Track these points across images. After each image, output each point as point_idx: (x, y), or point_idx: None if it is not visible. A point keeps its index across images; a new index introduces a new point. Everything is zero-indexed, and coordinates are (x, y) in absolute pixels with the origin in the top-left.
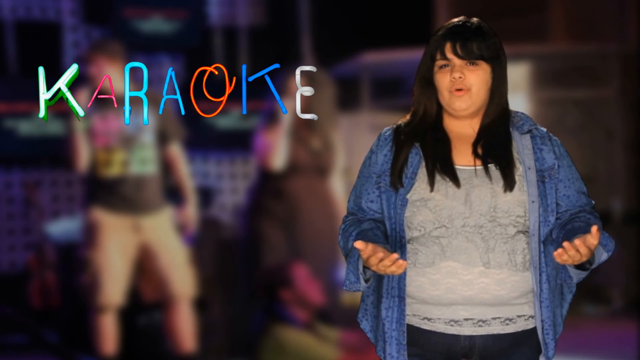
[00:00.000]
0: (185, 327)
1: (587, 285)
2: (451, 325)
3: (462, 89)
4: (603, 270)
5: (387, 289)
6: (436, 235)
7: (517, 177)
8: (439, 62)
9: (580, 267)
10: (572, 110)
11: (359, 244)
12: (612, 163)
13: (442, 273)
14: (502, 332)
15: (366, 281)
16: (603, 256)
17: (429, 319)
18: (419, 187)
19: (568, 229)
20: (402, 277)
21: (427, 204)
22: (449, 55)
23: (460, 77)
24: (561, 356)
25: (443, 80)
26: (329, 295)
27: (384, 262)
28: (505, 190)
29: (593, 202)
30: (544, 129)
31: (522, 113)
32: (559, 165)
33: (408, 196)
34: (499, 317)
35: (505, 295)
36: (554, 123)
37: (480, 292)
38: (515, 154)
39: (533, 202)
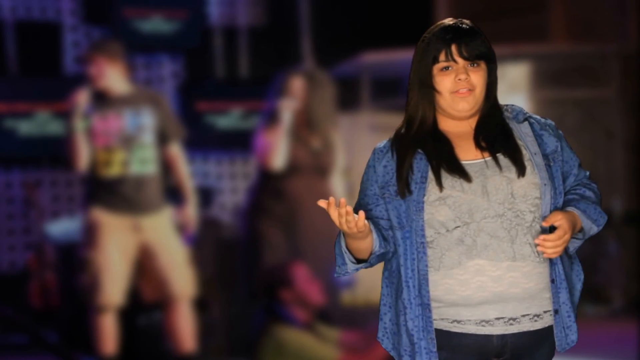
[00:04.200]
0: (185, 327)
1: (587, 285)
2: (482, 326)
3: (469, 89)
4: (603, 270)
5: (409, 299)
6: (458, 236)
7: (526, 162)
8: (442, 64)
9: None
10: (572, 110)
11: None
12: (612, 163)
13: (471, 272)
14: (532, 328)
15: (357, 262)
16: (593, 230)
17: (458, 322)
18: (433, 188)
19: (564, 201)
20: (423, 285)
21: (445, 201)
22: (456, 57)
23: (467, 79)
24: (561, 356)
25: (445, 82)
26: (329, 295)
27: (348, 217)
28: (518, 176)
29: (588, 172)
30: (538, 116)
31: (513, 105)
32: (561, 147)
33: (425, 199)
34: (528, 314)
35: (534, 287)
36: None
37: (510, 286)
38: (518, 141)
39: (545, 184)
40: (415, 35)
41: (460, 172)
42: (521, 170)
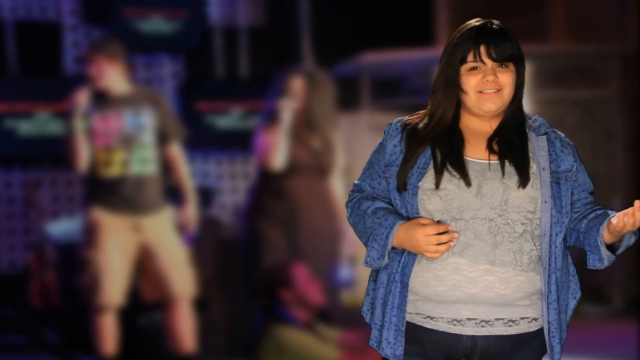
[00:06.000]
0: (185, 327)
1: (587, 285)
2: (454, 325)
3: (497, 89)
4: (603, 270)
5: (390, 273)
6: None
7: (530, 175)
8: (470, 65)
9: (610, 249)
10: (572, 110)
11: (426, 221)
12: (612, 163)
13: (448, 269)
14: (504, 333)
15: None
16: (632, 239)
17: (431, 318)
18: (430, 176)
19: (591, 218)
20: (406, 264)
21: (438, 192)
22: (484, 58)
23: (494, 80)
24: (561, 356)
25: (472, 82)
26: (329, 295)
27: (441, 237)
28: (518, 187)
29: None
30: (562, 134)
31: (539, 116)
32: (577, 169)
33: (420, 184)
34: (502, 318)
35: (510, 294)
36: (554, 123)
37: (484, 290)
38: (530, 154)
39: (545, 202)
40: (415, 35)
41: (461, 169)
42: (523, 182)
